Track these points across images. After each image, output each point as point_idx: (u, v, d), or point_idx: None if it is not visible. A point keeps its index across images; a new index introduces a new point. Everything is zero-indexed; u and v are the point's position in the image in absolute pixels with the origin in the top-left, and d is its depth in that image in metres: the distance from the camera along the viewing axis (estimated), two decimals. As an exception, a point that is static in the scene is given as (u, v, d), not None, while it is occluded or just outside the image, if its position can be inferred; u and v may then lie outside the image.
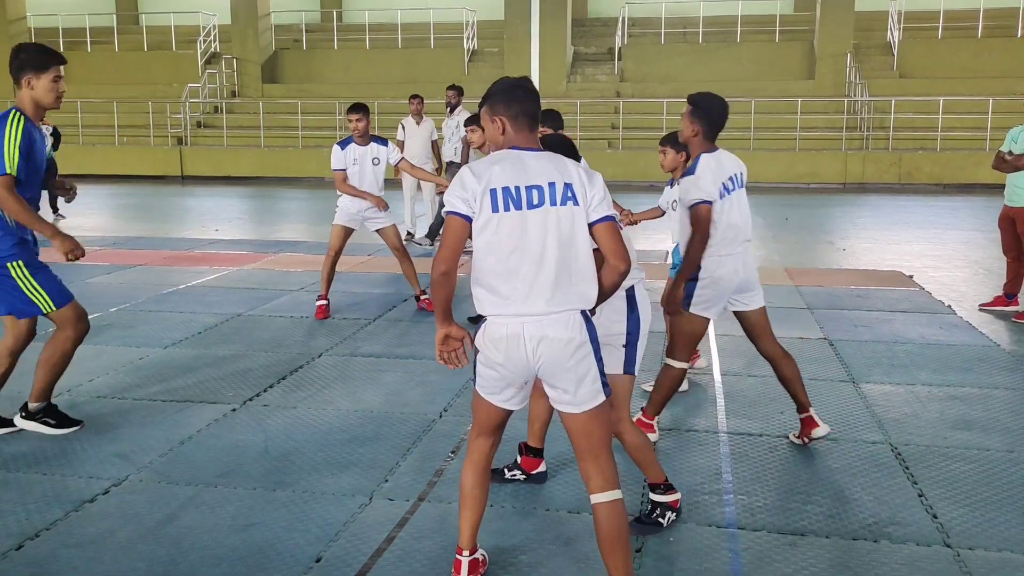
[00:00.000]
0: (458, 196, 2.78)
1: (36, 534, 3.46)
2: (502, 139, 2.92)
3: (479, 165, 2.83)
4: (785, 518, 3.66)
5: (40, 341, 4.70)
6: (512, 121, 2.89)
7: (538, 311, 2.75)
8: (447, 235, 2.81)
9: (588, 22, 26.88)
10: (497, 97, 2.93)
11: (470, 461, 3.04)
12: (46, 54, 4.22)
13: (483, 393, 2.93)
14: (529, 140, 2.91)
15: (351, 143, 7.27)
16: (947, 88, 20.82)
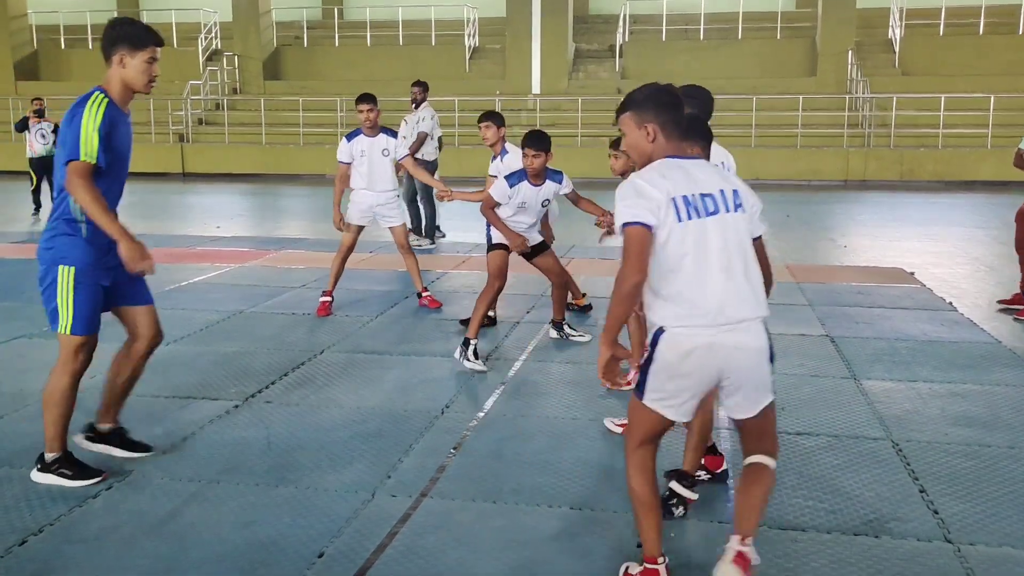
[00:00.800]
0: (642, 206, 2.71)
1: (39, 530, 3.48)
2: (651, 148, 2.87)
3: (648, 175, 2.79)
4: (786, 514, 3.66)
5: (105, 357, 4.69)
6: (662, 129, 2.85)
7: (731, 320, 2.71)
8: (633, 246, 2.70)
9: (589, 19, 26.88)
10: (646, 104, 2.87)
11: (639, 470, 2.92)
12: (145, 31, 3.72)
13: (655, 405, 2.82)
14: (681, 148, 2.89)
15: (359, 135, 7.19)
16: (949, 85, 20.81)
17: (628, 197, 2.76)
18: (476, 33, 25.67)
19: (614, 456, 4.26)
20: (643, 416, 2.87)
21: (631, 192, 2.76)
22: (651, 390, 2.80)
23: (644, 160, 2.91)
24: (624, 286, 2.70)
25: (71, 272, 3.74)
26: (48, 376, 3.89)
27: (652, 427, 2.89)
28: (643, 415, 2.86)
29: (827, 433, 4.59)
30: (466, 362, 5.64)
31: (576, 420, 4.79)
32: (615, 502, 3.75)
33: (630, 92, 2.95)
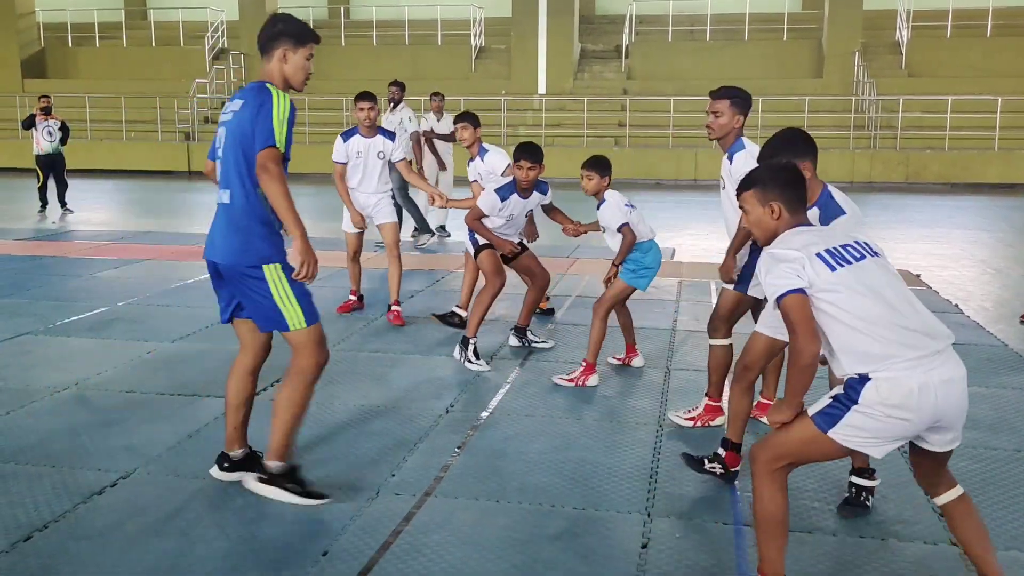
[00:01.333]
0: (785, 274, 2.71)
1: (44, 526, 3.48)
2: (774, 225, 2.88)
3: (789, 240, 2.80)
4: (792, 515, 3.62)
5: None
6: (787, 206, 2.87)
7: (932, 352, 2.65)
8: (796, 315, 2.68)
9: (595, 19, 26.86)
10: (772, 183, 2.89)
11: (780, 489, 2.84)
12: (306, 28, 3.67)
13: (844, 441, 2.71)
14: (803, 221, 2.90)
15: (355, 134, 7.02)
16: (955, 87, 20.76)
17: (771, 269, 2.75)
18: (482, 33, 25.66)
19: (618, 456, 4.26)
20: (819, 447, 2.76)
21: (771, 262, 2.76)
22: (847, 431, 2.68)
23: (767, 237, 2.91)
24: (803, 359, 2.68)
25: (278, 268, 3.55)
26: (282, 383, 3.68)
27: (819, 457, 2.84)
28: (822, 446, 2.75)
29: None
30: (467, 363, 5.62)
31: (580, 420, 4.78)
32: (619, 503, 3.75)
33: (752, 170, 2.98)
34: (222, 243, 3.57)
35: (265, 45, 3.58)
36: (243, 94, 3.55)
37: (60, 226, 12.86)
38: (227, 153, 3.53)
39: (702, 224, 13.19)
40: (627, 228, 5.40)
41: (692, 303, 7.68)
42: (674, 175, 20.31)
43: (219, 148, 3.60)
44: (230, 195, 3.53)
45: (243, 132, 3.46)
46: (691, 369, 5.75)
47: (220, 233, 3.58)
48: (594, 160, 5.51)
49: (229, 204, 3.54)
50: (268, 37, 3.58)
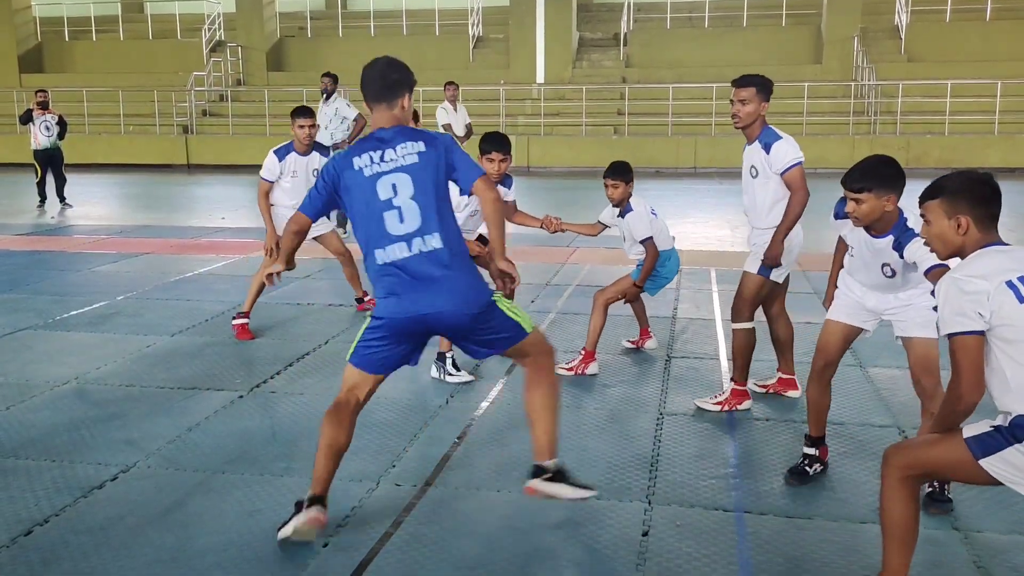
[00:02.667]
0: (966, 310, 2.52)
1: (45, 520, 3.48)
2: (959, 241, 2.67)
3: (980, 263, 2.60)
4: (792, 502, 3.66)
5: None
6: (977, 222, 2.66)
7: None
8: (965, 360, 2.52)
9: (593, 7, 26.75)
10: (963, 195, 2.67)
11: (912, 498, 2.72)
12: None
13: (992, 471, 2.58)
14: (994, 240, 2.68)
15: (291, 151, 6.38)
16: (955, 72, 20.67)
17: (951, 298, 2.55)
18: (480, 22, 25.56)
19: (618, 445, 4.26)
20: (964, 470, 2.63)
21: (954, 290, 2.55)
22: (1001, 464, 2.55)
23: (949, 252, 2.73)
24: (961, 405, 2.55)
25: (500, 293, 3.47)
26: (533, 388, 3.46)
27: (960, 478, 2.72)
28: (967, 469, 2.62)
29: (833, 421, 4.56)
30: (448, 377, 5.21)
31: (581, 410, 4.78)
32: (619, 491, 3.75)
33: (942, 178, 2.75)
34: (454, 291, 3.21)
35: (385, 92, 3.43)
36: (410, 136, 3.35)
37: (59, 221, 12.84)
38: (422, 198, 3.25)
39: (701, 212, 13.16)
40: (651, 244, 5.29)
41: (692, 291, 7.67)
42: (674, 163, 20.27)
43: (395, 196, 3.24)
44: (440, 239, 3.23)
45: (440, 169, 3.30)
46: (692, 357, 5.74)
47: (443, 281, 3.20)
48: (618, 167, 5.33)
49: (442, 248, 3.23)
50: (390, 85, 3.44)
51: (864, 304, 3.79)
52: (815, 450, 3.92)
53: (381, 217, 3.24)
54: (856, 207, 3.49)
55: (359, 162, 3.31)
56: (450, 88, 11.99)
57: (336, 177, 3.35)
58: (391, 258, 3.22)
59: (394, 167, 3.28)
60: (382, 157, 3.30)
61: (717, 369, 5.49)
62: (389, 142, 3.33)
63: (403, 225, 3.23)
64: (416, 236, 3.22)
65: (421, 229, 3.23)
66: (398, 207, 3.24)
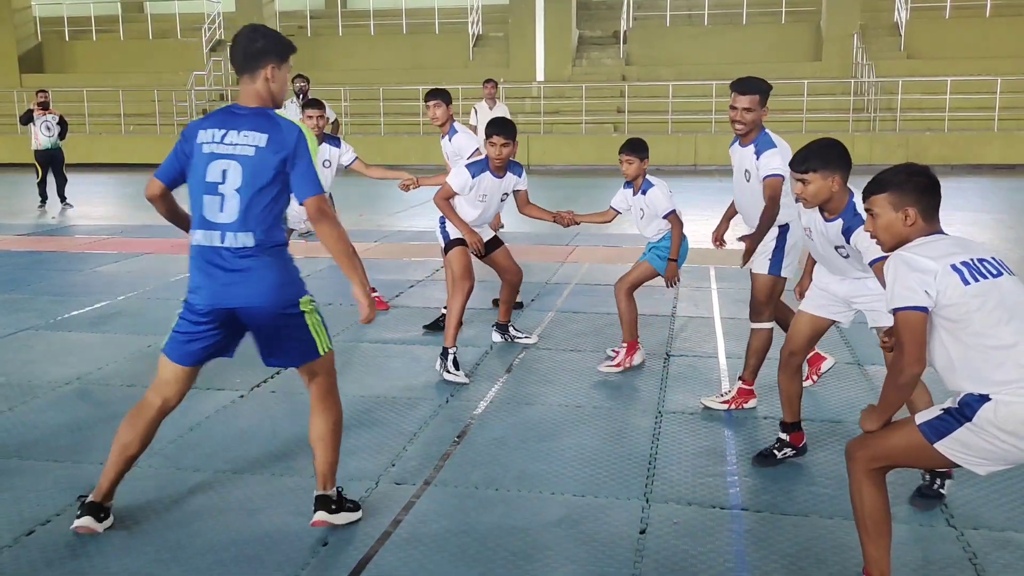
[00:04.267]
0: (913, 287, 2.60)
1: (47, 520, 3.51)
2: (906, 231, 2.76)
3: (929, 246, 2.68)
4: (788, 499, 3.68)
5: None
6: (923, 213, 2.75)
7: None
8: (909, 334, 2.60)
9: (593, 5, 26.74)
10: (908, 187, 2.76)
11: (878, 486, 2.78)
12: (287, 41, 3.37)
13: (949, 454, 2.64)
14: (937, 229, 2.78)
15: None
16: (955, 68, 20.67)
17: (900, 275, 2.64)
18: (480, 21, 25.57)
19: (616, 443, 4.28)
20: (922, 455, 2.70)
21: (903, 268, 2.64)
22: (954, 446, 2.62)
23: (896, 243, 2.80)
24: (902, 378, 2.63)
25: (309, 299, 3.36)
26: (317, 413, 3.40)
27: (921, 464, 2.79)
28: (924, 455, 2.69)
29: (830, 419, 4.60)
30: (446, 374, 5.24)
31: (580, 408, 4.80)
32: (617, 489, 3.77)
33: (885, 172, 2.84)
34: (252, 286, 3.18)
35: (247, 63, 3.22)
36: (257, 125, 3.16)
37: (60, 221, 12.87)
38: (247, 191, 3.14)
39: (701, 210, 13.16)
40: (675, 216, 5.27)
41: (691, 289, 7.69)
42: (674, 160, 20.28)
43: (221, 183, 3.15)
44: (254, 237, 3.16)
45: (271, 172, 3.14)
46: (690, 355, 5.76)
47: (245, 276, 3.18)
48: (633, 144, 5.32)
49: (255, 246, 3.17)
50: (251, 54, 3.22)
51: (833, 291, 3.89)
52: (787, 435, 4.03)
53: (202, 199, 3.18)
54: (803, 188, 3.62)
55: (203, 136, 3.19)
56: (488, 86, 11.25)
57: (183, 144, 3.27)
58: (204, 242, 3.20)
59: (229, 153, 3.15)
60: (224, 137, 3.17)
61: (716, 367, 5.51)
62: (235, 124, 3.18)
63: (222, 214, 3.15)
64: (230, 229, 3.15)
65: (238, 223, 3.15)
66: (222, 194, 3.15)
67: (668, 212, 5.28)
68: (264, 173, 3.14)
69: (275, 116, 3.22)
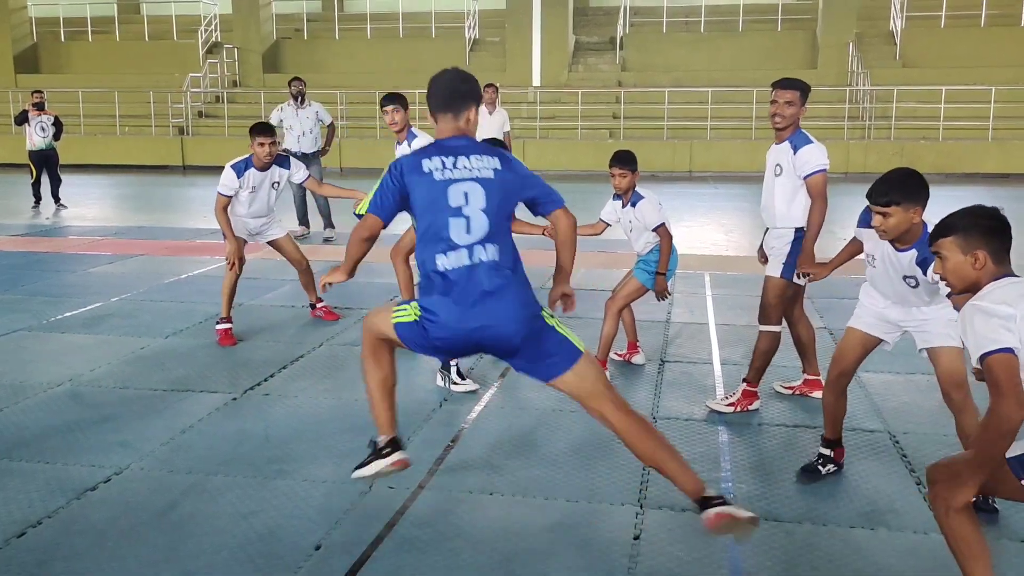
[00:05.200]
0: (995, 329, 2.51)
1: (38, 522, 3.49)
2: (976, 275, 2.68)
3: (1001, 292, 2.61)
4: (783, 506, 3.67)
5: None
6: (993, 256, 2.68)
7: None
8: (1008, 376, 2.47)
9: (590, 11, 26.80)
10: (976, 230, 2.71)
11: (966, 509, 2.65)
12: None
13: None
14: (1008, 272, 2.69)
15: (249, 168, 6.24)
16: (950, 77, 20.75)
17: (977, 323, 2.56)
18: (476, 25, 25.60)
19: (611, 448, 4.27)
20: (1007, 488, 2.62)
21: (979, 316, 2.56)
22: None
23: (966, 287, 2.73)
24: (1006, 425, 2.47)
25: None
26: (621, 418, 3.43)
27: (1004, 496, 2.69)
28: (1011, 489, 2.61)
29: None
30: (453, 387, 5.18)
31: (574, 412, 4.78)
32: (611, 494, 3.76)
33: (952, 215, 2.79)
34: (507, 304, 3.23)
35: (453, 103, 3.36)
36: (490, 152, 3.34)
37: (54, 222, 12.83)
38: (492, 209, 3.23)
39: (696, 216, 13.19)
40: (664, 229, 5.27)
41: (686, 295, 7.69)
42: (669, 167, 20.30)
43: (465, 206, 3.21)
44: (498, 251, 3.25)
45: (511, 190, 3.31)
46: (685, 361, 5.76)
47: (499, 294, 3.22)
48: (624, 156, 5.28)
49: (499, 260, 3.25)
50: (460, 95, 3.38)
51: (886, 316, 3.85)
52: (830, 451, 3.98)
53: (447, 223, 3.21)
54: (883, 221, 3.47)
55: (429, 164, 3.25)
56: (488, 90, 10.98)
57: (401, 178, 3.29)
58: (451, 265, 3.20)
59: (468, 176, 3.24)
60: (455, 164, 3.26)
61: (711, 373, 5.51)
62: (462, 151, 3.29)
63: (468, 235, 3.21)
64: (478, 245, 3.22)
65: (484, 240, 3.22)
66: (467, 216, 3.21)
67: (658, 225, 5.27)
68: (504, 194, 3.30)
69: (487, 144, 3.52)
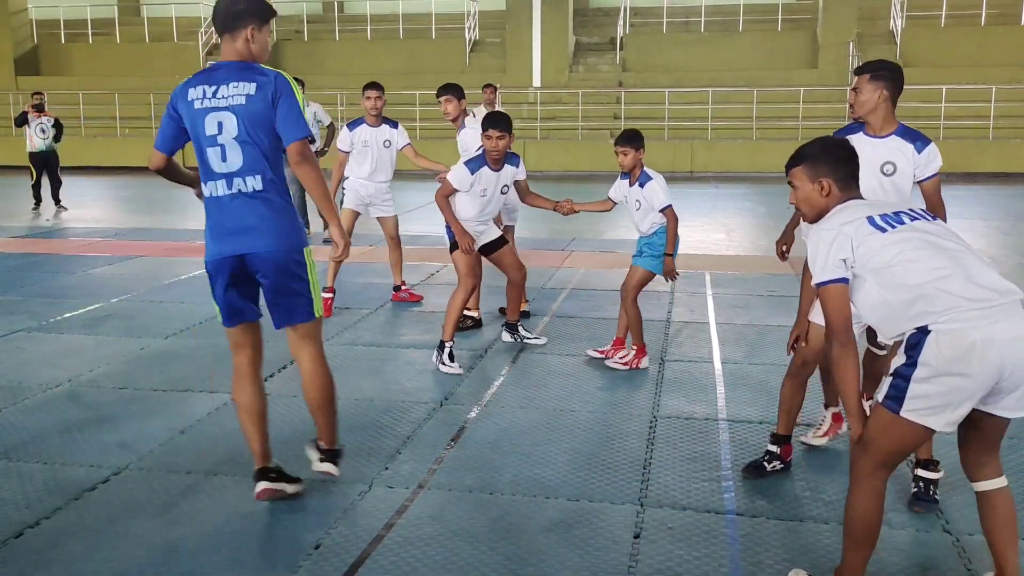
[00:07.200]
0: (831, 257, 2.68)
1: (36, 522, 3.47)
2: (823, 202, 2.86)
3: (837, 215, 2.77)
4: (784, 504, 3.66)
5: None
6: (838, 183, 2.85)
7: (997, 304, 2.51)
8: (836, 305, 2.67)
9: (590, 12, 26.80)
10: (823, 158, 2.87)
11: (875, 495, 2.73)
12: (268, 4, 3.55)
13: (917, 417, 2.58)
14: (855, 197, 2.87)
15: (362, 123, 7.09)
16: (950, 76, 20.74)
17: (819, 250, 2.72)
18: (476, 26, 25.61)
19: (611, 447, 4.26)
20: (900, 433, 2.64)
21: (820, 243, 2.72)
22: (912, 399, 2.57)
23: (816, 215, 2.87)
24: (834, 350, 2.69)
25: (311, 252, 3.62)
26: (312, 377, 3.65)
27: (911, 444, 2.70)
28: (900, 431, 2.63)
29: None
30: (441, 366, 5.38)
31: (575, 412, 4.78)
32: (612, 493, 3.75)
33: (803, 146, 2.95)
34: (263, 231, 3.33)
35: (229, 23, 3.40)
36: (245, 76, 3.35)
37: (54, 223, 12.83)
38: (247, 138, 3.31)
39: (697, 216, 13.17)
40: (671, 211, 5.33)
41: (687, 295, 7.68)
42: (670, 167, 20.28)
43: (220, 134, 3.31)
44: (262, 180, 3.33)
45: (265, 118, 3.32)
46: (685, 360, 5.75)
47: (256, 221, 3.32)
48: (628, 135, 5.39)
49: (263, 189, 3.34)
50: (233, 15, 3.40)
51: None
52: (778, 448, 3.95)
53: (205, 152, 3.34)
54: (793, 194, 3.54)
55: (193, 93, 3.36)
56: (487, 90, 10.96)
57: (175, 108, 3.41)
58: (212, 193, 3.36)
59: (223, 105, 3.32)
60: (215, 93, 3.34)
61: (711, 372, 5.50)
62: (223, 78, 3.36)
63: (225, 164, 3.32)
64: (236, 176, 3.32)
65: (242, 169, 3.32)
66: (222, 145, 3.31)
67: (665, 206, 5.32)
68: (256, 119, 3.32)
69: (269, 70, 3.44)
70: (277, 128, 3.34)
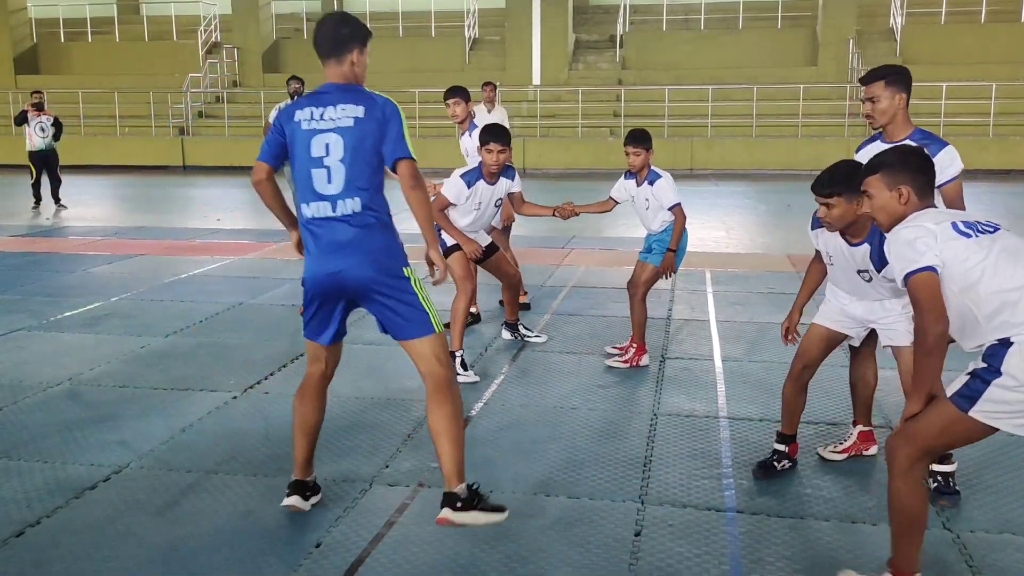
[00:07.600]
0: (918, 250, 2.66)
1: (37, 521, 3.47)
2: (901, 210, 2.82)
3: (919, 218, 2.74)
4: (784, 501, 3.66)
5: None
6: (916, 191, 2.82)
7: None
8: (928, 293, 2.63)
9: (589, 9, 26.78)
10: (901, 166, 2.84)
11: (917, 484, 2.73)
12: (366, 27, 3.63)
13: (985, 418, 2.61)
14: (931, 205, 2.85)
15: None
16: (950, 74, 20.73)
17: (900, 250, 2.70)
18: (476, 24, 25.59)
19: (611, 445, 4.26)
20: (961, 429, 2.66)
21: (900, 243, 2.71)
22: (989, 407, 2.59)
23: (893, 222, 2.84)
24: (929, 339, 2.64)
25: (414, 271, 3.48)
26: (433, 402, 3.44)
27: (962, 441, 2.74)
28: (961, 428, 2.66)
29: (826, 421, 4.59)
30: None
31: (575, 410, 4.78)
32: (612, 491, 3.75)
33: (878, 155, 2.94)
34: (362, 253, 3.30)
35: (335, 48, 3.45)
36: (354, 99, 3.35)
37: (53, 222, 12.83)
38: (353, 160, 3.29)
39: (697, 214, 13.16)
40: (679, 209, 5.37)
41: (687, 292, 7.68)
42: (670, 165, 20.10)
43: (326, 156, 3.28)
44: (363, 202, 3.30)
45: (372, 141, 3.30)
46: (686, 358, 5.75)
47: (357, 242, 3.29)
48: (639, 135, 5.41)
49: (365, 211, 3.31)
50: (339, 40, 3.45)
51: (849, 312, 3.84)
52: (785, 447, 3.96)
53: (310, 174, 3.32)
54: (827, 212, 3.55)
55: (300, 115, 3.37)
56: (487, 89, 10.83)
57: (280, 127, 3.43)
58: (314, 214, 3.32)
59: (330, 127, 3.32)
60: (322, 115, 3.35)
61: (711, 370, 5.50)
62: (331, 100, 3.37)
63: (330, 185, 3.30)
64: (339, 198, 3.30)
65: (346, 191, 3.30)
66: (328, 167, 3.30)
67: (674, 204, 5.36)
68: (364, 142, 3.30)
69: (366, 90, 3.43)
70: (383, 149, 3.33)
